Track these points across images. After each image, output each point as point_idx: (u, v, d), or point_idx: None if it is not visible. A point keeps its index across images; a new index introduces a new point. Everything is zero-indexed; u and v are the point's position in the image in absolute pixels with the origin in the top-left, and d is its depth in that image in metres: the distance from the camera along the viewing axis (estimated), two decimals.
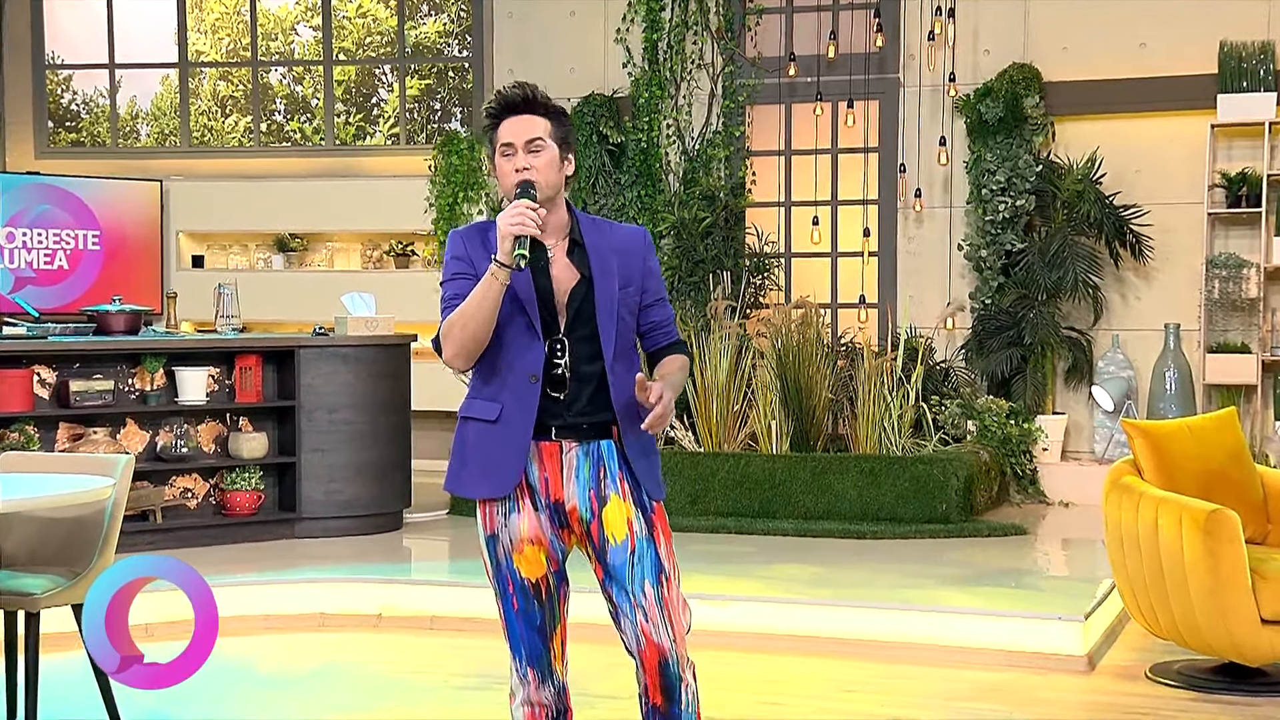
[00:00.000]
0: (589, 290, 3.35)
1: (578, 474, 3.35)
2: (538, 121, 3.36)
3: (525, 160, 3.32)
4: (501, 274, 3.21)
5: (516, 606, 3.40)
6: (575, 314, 3.34)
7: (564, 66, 10.97)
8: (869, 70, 10.28)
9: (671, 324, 3.51)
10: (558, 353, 3.33)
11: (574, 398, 3.34)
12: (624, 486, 3.36)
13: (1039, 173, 9.67)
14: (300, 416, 7.98)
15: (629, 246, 3.43)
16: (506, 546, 3.38)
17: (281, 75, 13.23)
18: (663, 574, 3.35)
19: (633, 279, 3.41)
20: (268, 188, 11.34)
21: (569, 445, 3.35)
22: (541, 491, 3.35)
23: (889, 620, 6.08)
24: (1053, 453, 9.51)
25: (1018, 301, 9.65)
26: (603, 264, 3.37)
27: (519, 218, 3.20)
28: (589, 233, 3.41)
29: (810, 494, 8.35)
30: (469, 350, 3.29)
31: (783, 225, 10.61)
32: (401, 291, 10.81)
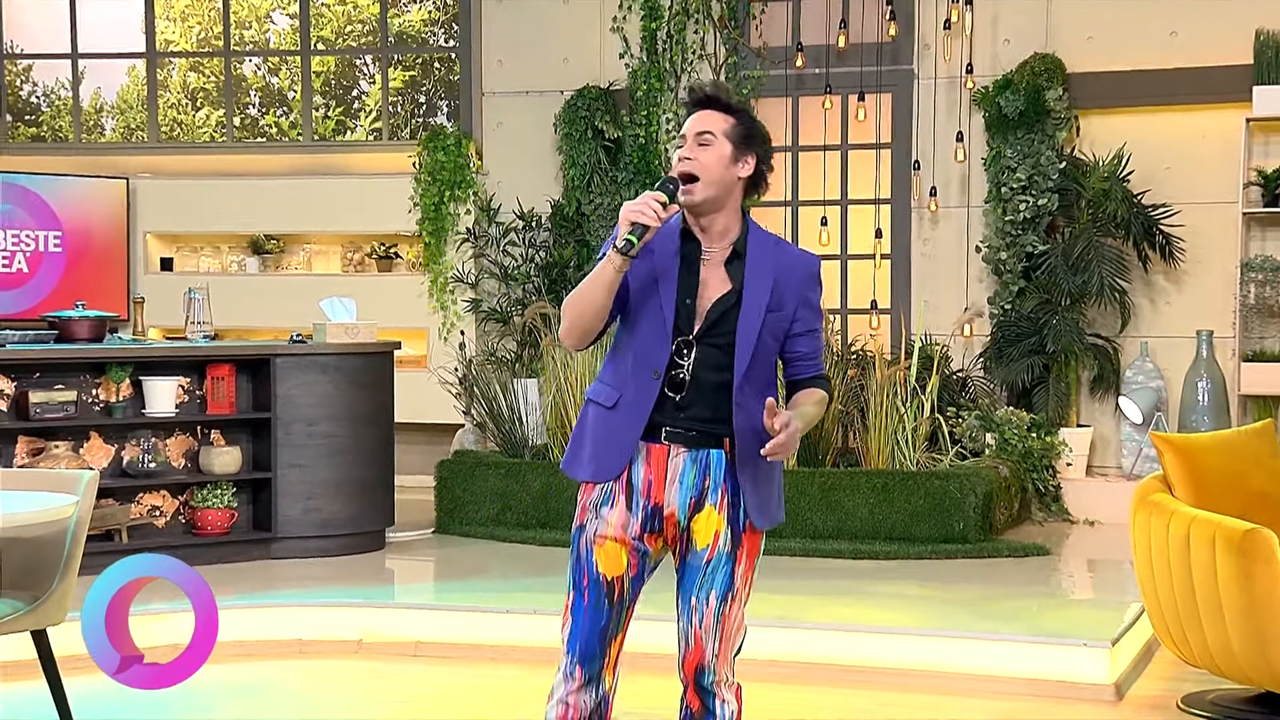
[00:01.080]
0: (736, 303, 3.47)
1: (682, 479, 3.49)
2: (714, 117, 3.51)
3: (690, 151, 3.47)
4: (616, 259, 3.35)
5: (587, 600, 3.51)
6: (714, 323, 3.46)
7: (557, 57, 10.98)
8: (881, 61, 10.28)
9: (818, 357, 3.61)
10: (684, 354, 3.46)
11: (690, 402, 3.47)
12: (723, 500, 3.50)
13: (1062, 170, 9.67)
14: (276, 429, 7.97)
15: (793, 272, 3.54)
16: (590, 538, 3.51)
17: (256, 66, 13.23)
18: (731, 593, 3.51)
19: (785, 304, 3.51)
20: (241, 186, 11.34)
21: (677, 450, 3.49)
22: (643, 492, 3.49)
23: (902, 646, 6.07)
24: (1077, 468, 9.50)
25: (1040, 307, 9.65)
26: (758, 280, 3.49)
27: (641, 205, 3.33)
28: (755, 246, 3.53)
29: (818, 512, 8.34)
30: (579, 331, 3.45)
31: (789, 226, 10.61)
32: (384, 296, 10.81)
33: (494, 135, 11.17)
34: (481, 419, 9.59)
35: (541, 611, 6.41)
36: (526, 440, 9.13)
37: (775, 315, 3.49)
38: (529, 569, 7.58)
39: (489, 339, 10.92)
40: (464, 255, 10.96)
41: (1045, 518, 9.20)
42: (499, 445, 9.31)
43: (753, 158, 3.53)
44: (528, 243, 10.86)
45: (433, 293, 10.95)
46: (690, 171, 3.45)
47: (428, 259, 10.93)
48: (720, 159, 3.47)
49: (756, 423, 3.46)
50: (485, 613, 6.61)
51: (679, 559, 3.55)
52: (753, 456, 3.48)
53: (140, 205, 11.37)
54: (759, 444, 3.45)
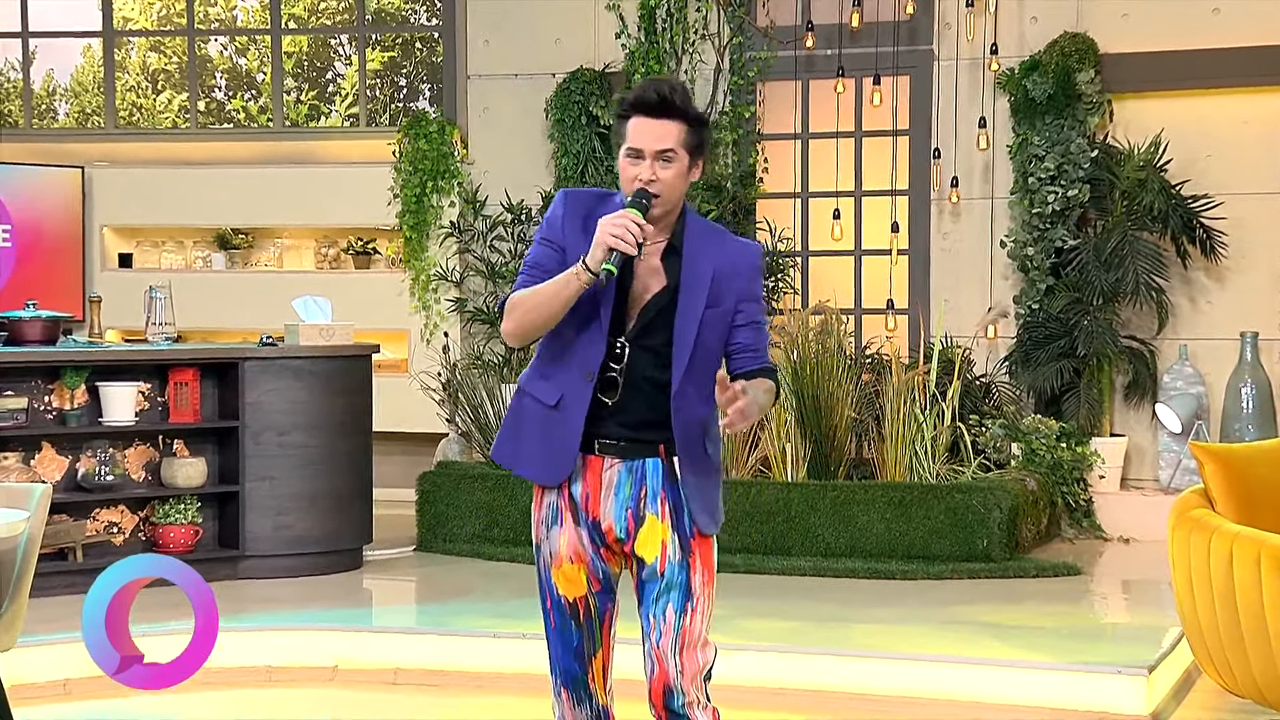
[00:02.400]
0: (671, 301, 3.55)
1: (617, 491, 3.58)
2: (672, 129, 3.52)
3: (652, 171, 3.51)
4: (585, 276, 3.43)
5: (554, 623, 3.67)
6: (649, 322, 3.54)
7: (548, 37, 10.98)
8: (898, 41, 10.29)
9: (763, 350, 3.66)
10: (618, 356, 3.54)
11: (623, 406, 3.55)
12: (664, 508, 3.58)
13: (1094, 159, 9.67)
14: (245, 439, 7.96)
15: (732, 264, 3.60)
16: (547, 559, 3.66)
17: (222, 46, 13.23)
18: (690, 603, 3.56)
19: (724, 299, 3.58)
20: (206, 175, 11.34)
21: (611, 462, 3.58)
22: (582, 506, 3.60)
23: (920, 673, 6.07)
24: (1110, 481, 9.50)
25: (1070, 307, 9.65)
26: (694, 277, 3.55)
27: (619, 230, 3.40)
28: (692, 241, 3.59)
29: (831, 527, 8.34)
30: (527, 335, 3.55)
31: (799, 219, 10.61)
32: (362, 295, 10.80)
33: (480, 121, 11.17)
34: (467, 428, 9.58)
35: (531, 635, 6.40)
36: None
37: (715, 312, 3.56)
38: (517, 589, 7.57)
39: (475, 341, 10.91)
40: (448, 251, 10.95)
41: (1076, 535, 9.20)
42: (485, 456, 9.30)
43: (701, 161, 3.60)
44: (516, 237, 10.86)
45: (414, 291, 10.95)
46: (654, 192, 3.50)
47: (409, 255, 10.93)
48: (681, 175, 3.55)
49: (696, 426, 3.55)
50: (470, 637, 6.60)
51: (635, 579, 3.64)
52: (695, 459, 3.58)
53: (96, 196, 11.37)
54: (701, 446, 3.57)
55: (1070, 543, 9.07)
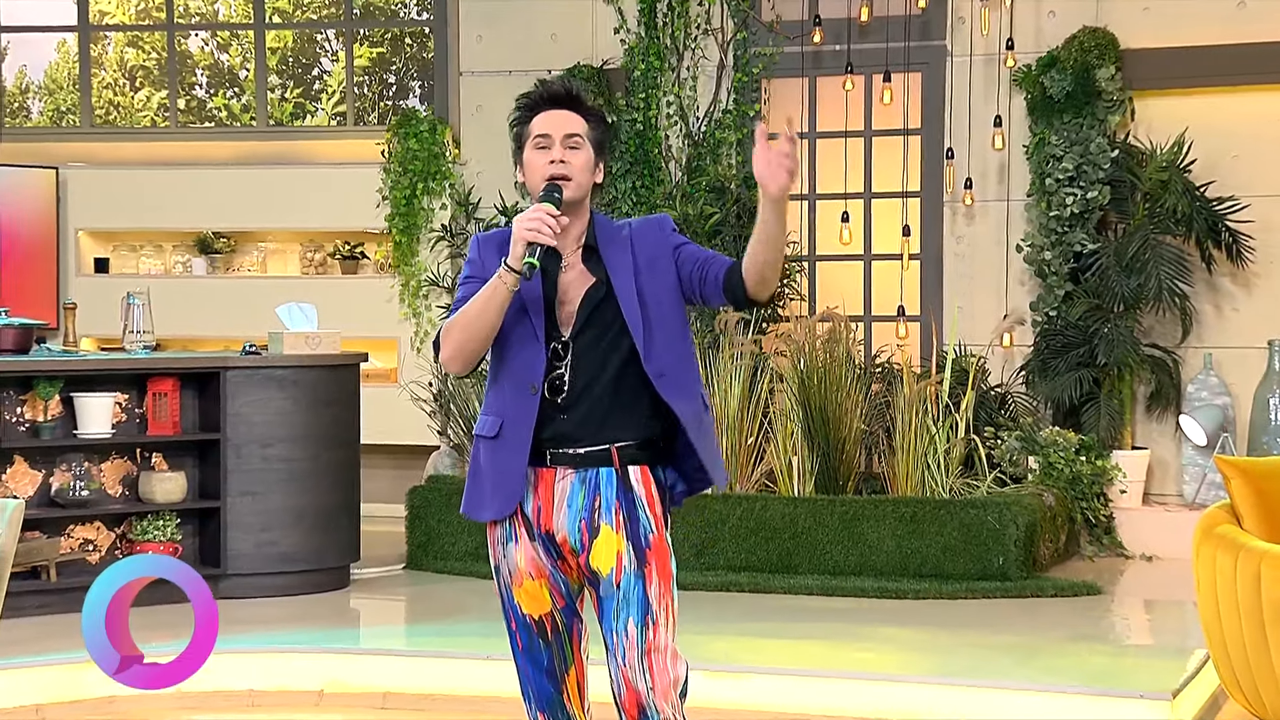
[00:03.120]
0: (608, 292, 3.64)
1: (570, 502, 3.64)
2: (576, 119, 3.72)
3: (561, 154, 3.67)
4: (509, 279, 3.55)
5: (520, 644, 3.74)
6: (589, 317, 3.64)
7: (543, 32, 10.99)
8: (910, 36, 10.29)
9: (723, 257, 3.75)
10: (560, 358, 3.63)
11: (573, 405, 3.62)
12: (618, 518, 3.63)
13: (1115, 159, 9.67)
14: (226, 452, 7.96)
15: (647, 235, 3.74)
16: (506, 578, 3.71)
17: (203, 41, 13.24)
18: (649, 615, 3.60)
19: (657, 264, 3.69)
20: (187, 177, 11.34)
21: (564, 473, 3.65)
22: (534, 520, 3.66)
23: (934, 697, 6.06)
24: (1132, 496, 9.49)
25: (1089, 313, 9.65)
26: (619, 264, 3.67)
27: (535, 223, 3.53)
28: (605, 236, 3.73)
29: (839, 545, 8.33)
30: (466, 354, 3.64)
31: (806, 222, 10.61)
32: (349, 302, 10.80)
33: (473, 120, 11.17)
34: (459, 440, 9.57)
35: None
36: None
37: (652, 274, 3.67)
38: None
39: None
40: (439, 255, 10.96)
41: (1096, 552, 9.19)
42: None
43: (604, 164, 3.77)
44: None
45: (404, 297, 10.95)
46: (564, 175, 3.65)
47: (398, 259, 10.93)
48: (587, 163, 3.71)
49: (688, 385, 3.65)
50: (462, 659, 6.59)
51: (594, 598, 3.69)
52: (696, 418, 3.67)
53: (71, 199, 11.37)
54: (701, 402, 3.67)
55: (1090, 561, 9.06)
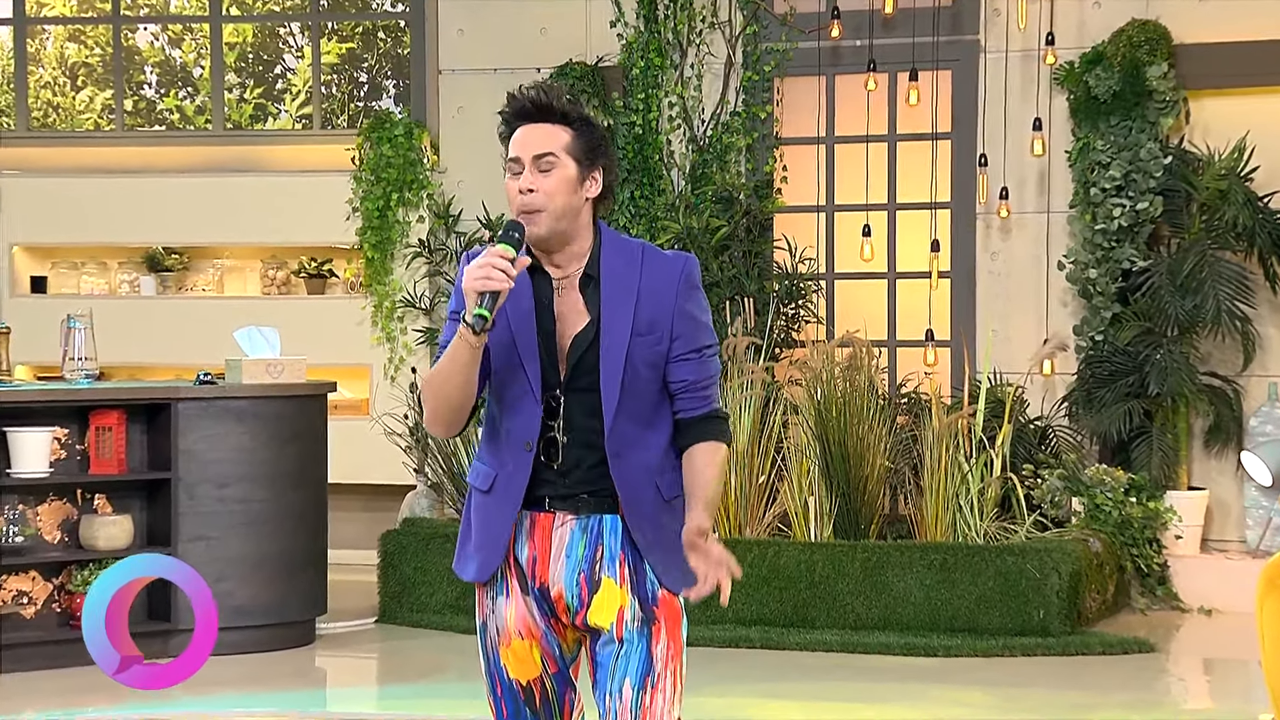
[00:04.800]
0: (595, 337, 3.56)
1: (569, 552, 3.57)
2: (553, 132, 3.60)
3: (531, 180, 3.55)
4: (469, 336, 3.44)
5: (505, 713, 3.65)
6: (577, 364, 3.56)
7: (532, 26, 10.99)
8: (938, 30, 10.30)
9: (709, 387, 3.64)
10: (554, 411, 3.56)
11: (571, 466, 3.56)
12: (623, 571, 3.57)
13: (1167, 166, 9.67)
14: (178, 493, 7.94)
15: (661, 281, 3.60)
16: (494, 637, 3.63)
17: (153, 35, 13.26)
18: (650, 677, 3.53)
19: (658, 323, 3.58)
20: (134, 186, 11.33)
21: (564, 519, 3.58)
22: (529, 572, 3.59)
23: None
24: (1189, 542, 9.47)
25: (1139, 338, 9.64)
26: (617, 302, 3.57)
27: (484, 270, 3.41)
28: (611, 261, 3.61)
29: (861, 596, 8.32)
30: (444, 418, 3.56)
31: (823, 236, 10.61)
32: (316, 325, 10.79)
33: (453, 123, 11.18)
34: (437, 479, 9.55)
35: None
36: None
37: (645, 340, 3.57)
38: None
39: None
40: (416, 273, 10.95)
41: (1148, 605, 9.17)
42: (459, 512, 9.27)
43: (599, 172, 3.63)
44: None
45: (377, 320, 10.94)
46: (534, 206, 3.55)
47: (370, 278, 10.92)
48: (565, 183, 3.57)
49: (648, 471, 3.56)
50: None
51: (589, 657, 3.62)
52: (646, 511, 3.57)
53: (5, 210, 11.36)
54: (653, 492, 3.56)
55: (1142, 614, 9.04)
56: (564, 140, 3.58)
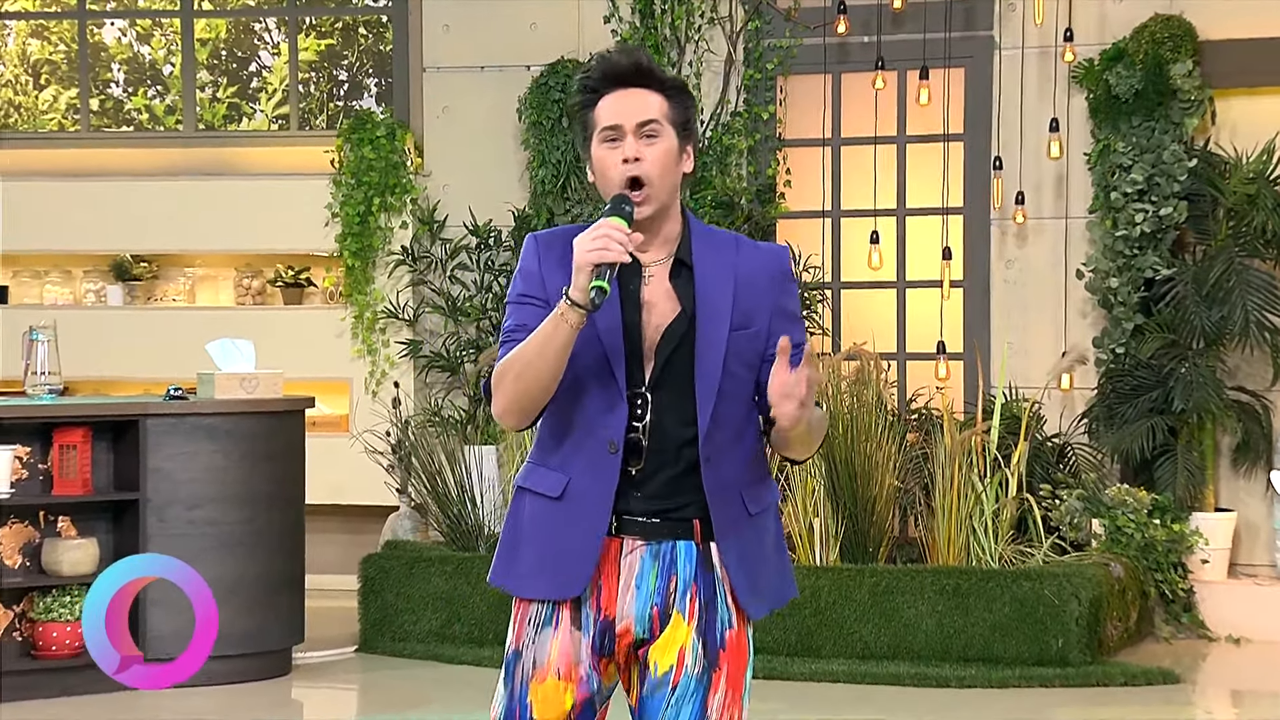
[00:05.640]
0: (689, 329, 3.47)
1: (639, 582, 3.47)
2: (652, 99, 3.51)
3: (636, 148, 3.46)
4: (573, 315, 3.34)
5: None
6: (667, 361, 3.46)
7: (522, 21, 10.99)
8: (950, 26, 10.30)
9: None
10: (637, 411, 3.45)
11: (649, 474, 3.46)
12: (693, 605, 3.47)
13: (1192, 169, 9.68)
14: (146, 515, 7.93)
15: (757, 273, 3.54)
16: (527, 669, 3.51)
17: (121, 31, 13.25)
18: None
19: (755, 318, 3.51)
20: (101, 190, 11.32)
21: (632, 545, 3.47)
22: (591, 603, 3.47)
23: None
24: (1216, 566, 9.47)
25: (1163, 351, 9.64)
26: (714, 293, 3.49)
27: (601, 240, 3.33)
28: (703, 249, 3.53)
29: (870, 623, 8.31)
30: (524, 407, 3.45)
31: (829, 244, 10.61)
32: (293, 337, 10.77)
33: (438, 124, 11.17)
34: (421, 500, 9.54)
35: None
36: (480, 527, 9.09)
37: (742, 335, 3.50)
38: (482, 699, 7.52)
39: (432, 393, 10.89)
40: (399, 282, 10.94)
41: (1173, 633, 9.16)
42: (444, 534, 9.26)
43: (693, 148, 3.59)
44: (483, 266, 10.85)
45: (357, 332, 10.93)
46: (639, 175, 3.47)
47: (350, 287, 10.91)
48: (670, 154, 3.51)
49: (736, 482, 3.47)
50: None
51: (633, 694, 3.52)
52: (736, 525, 3.49)
53: None
54: (743, 510, 3.48)
55: (1167, 643, 9.04)
56: (664, 108, 3.51)
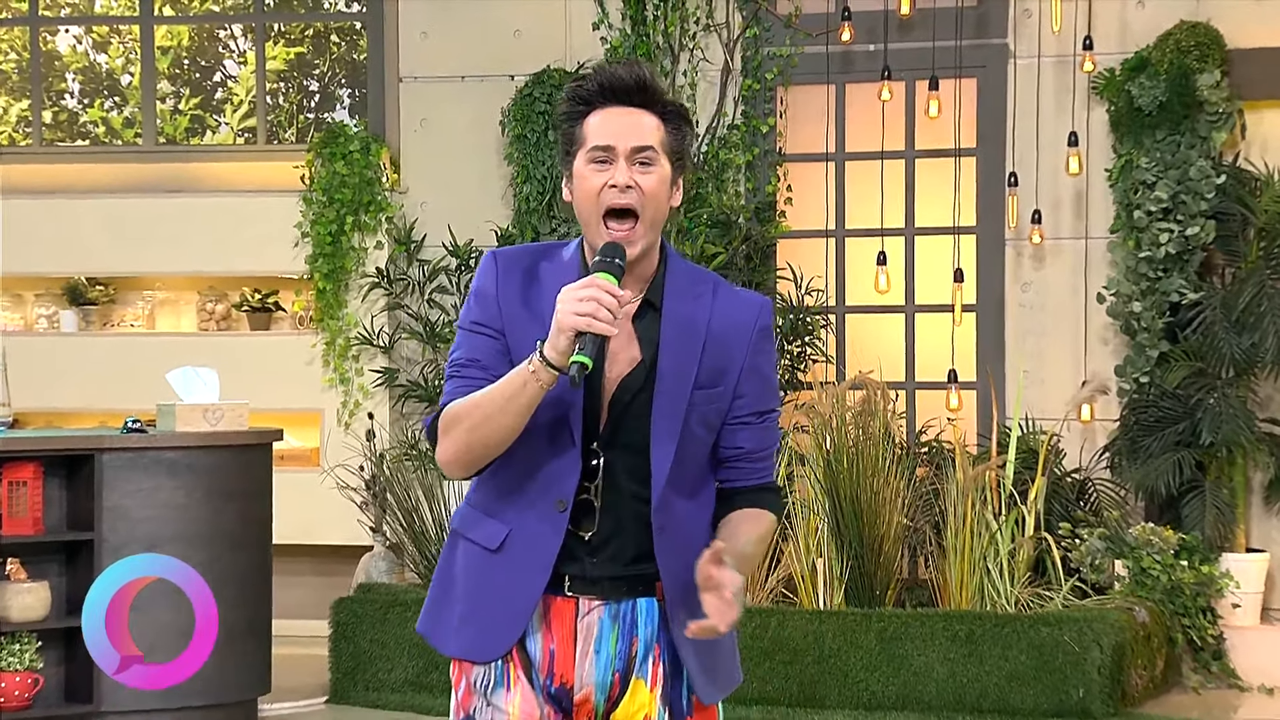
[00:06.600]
0: (648, 382, 3.36)
1: (599, 646, 3.40)
2: (650, 123, 3.40)
3: (629, 175, 3.34)
4: (546, 375, 3.23)
5: None
6: (623, 414, 3.36)
7: (505, 28, 10.99)
8: (962, 34, 10.31)
9: (767, 459, 3.50)
10: (592, 469, 3.36)
11: (604, 540, 3.37)
12: (656, 670, 3.40)
13: (1221, 186, 9.68)
14: (101, 556, 7.88)
15: (733, 327, 3.43)
16: None
17: (76, 39, 13.25)
18: None
19: (724, 376, 3.40)
20: (54, 207, 11.30)
21: (589, 604, 3.39)
22: (543, 668, 3.39)
23: None
24: (1248, 611, 9.45)
25: (1190, 380, 9.63)
26: (679, 345, 3.38)
27: (590, 305, 3.18)
28: (676, 293, 3.41)
29: (876, 671, 8.29)
30: (474, 459, 3.34)
31: (833, 265, 10.60)
32: (259, 365, 10.76)
33: (416, 138, 11.17)
34: (397, 539, 9.51)
35: None
36: None
37: (708, 394, 3.39)
38: None
39: (408, 425, 10.86)
40: (373, 307, 10.93)
41: (1202, 682, 9.14)
42: (421, 576, 9.24)
43: (682, 180, 3.47)
44: (463, 289, 10.82)
45: (329, 360, 10.91)
46: (630, 206, 3.35)
47: (322, 312, 10.89)
48: (663, 185, 3.39)
49: (692, 554, 3.33)
50: None
51: None
52: (692, 602, 3.34)
53: None
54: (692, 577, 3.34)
55: (1195, 693, 9.02)
56: (661, 134, 3.39)
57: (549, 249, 3.45)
